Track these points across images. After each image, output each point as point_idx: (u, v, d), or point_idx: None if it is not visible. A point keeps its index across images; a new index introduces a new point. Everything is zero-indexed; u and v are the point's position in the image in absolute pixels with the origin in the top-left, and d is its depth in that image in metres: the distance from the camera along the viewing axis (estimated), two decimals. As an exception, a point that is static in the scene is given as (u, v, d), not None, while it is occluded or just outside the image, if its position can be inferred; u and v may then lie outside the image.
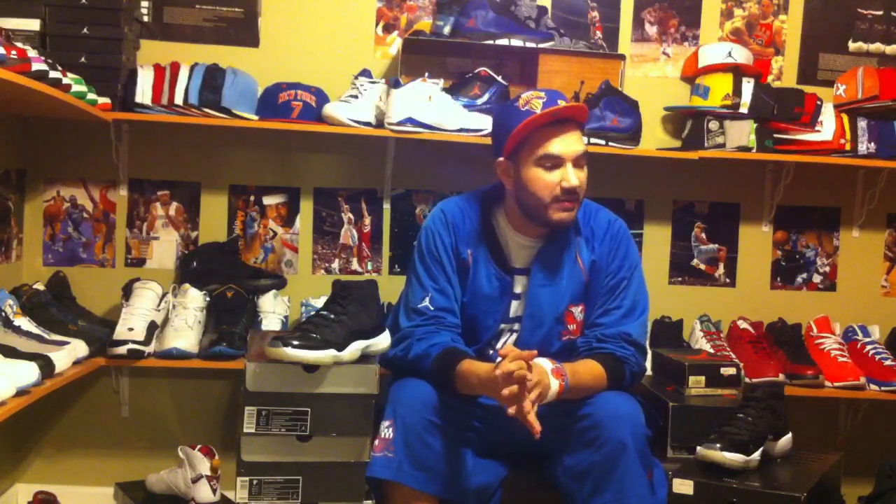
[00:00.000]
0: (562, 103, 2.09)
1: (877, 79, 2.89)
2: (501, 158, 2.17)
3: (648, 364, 2.61)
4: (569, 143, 2.10)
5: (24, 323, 2.25)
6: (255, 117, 2.68)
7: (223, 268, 2.78)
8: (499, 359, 2.13)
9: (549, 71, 2.78)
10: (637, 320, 2.20)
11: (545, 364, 1.96)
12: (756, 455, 2.13)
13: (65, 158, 2.83)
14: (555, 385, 1.94)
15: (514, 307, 2.23)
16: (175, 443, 2.58)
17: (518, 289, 2.22)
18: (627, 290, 2.21)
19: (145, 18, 2.83)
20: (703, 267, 3.12)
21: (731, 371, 2.52)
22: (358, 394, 2.14)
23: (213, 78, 2.61)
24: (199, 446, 2.44)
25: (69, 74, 2.25)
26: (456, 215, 2.25)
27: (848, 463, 2.41)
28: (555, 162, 2.10)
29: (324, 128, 2.68)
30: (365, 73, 2.74)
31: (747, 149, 2.83)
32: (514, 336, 2.23)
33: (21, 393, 1.96)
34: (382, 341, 2.22)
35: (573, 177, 2.09)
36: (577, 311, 2.23)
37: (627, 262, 2.23)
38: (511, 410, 1.87)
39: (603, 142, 2.75)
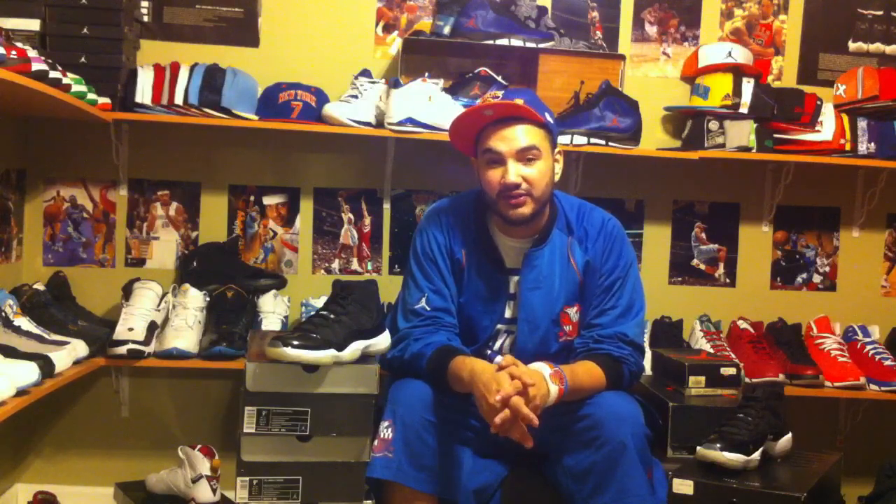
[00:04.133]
0: (519, 101, 2.09)
1: (877, 79, 2.89)
2: (473, 157, 2.21)
3: (648, 364, 2.61)
4: (508, 139, 2.10)
5: (24, 323, 2.25)
6: (255, 117, 2.68)
7: (223, 268, 2.78)
8: (498, 358, 2.14)
9: (549, 71, 2.79)
10: (633, 320, 2.20)
11: (543, 369, 1.96)
12: (756, 455, 2.13)
13: (65, 158, 2.83)
14: (554, 389, 1.93)
15: (510, 307, 2.23)
16: (175, 443, 2.58)
17: (512, 289, 2.23)
18: (623, 289, 2.21)
19: (145, 18, 2.83)
20: (703, 267, 3.12)
21: (731, 371, 2.52)
22: (358, 394, 2.14)
23: (213, 78, 2.61)
24: (199, 446, 2.44)
25: (69, 74, 2.25)
26: (450, 216, 2.26)
27: (848, 463, 2.41)
28: (494, 157, 2.12)
29: (324, 128, 2.68)
30: (365, 73, 2.74)
31: (747, 149, 2.83)
32: (512, 337, 2.23)
33: (21, 393, 1.96)
34: (382, 341, 2.22)
35: (511, 173, 2.09)
36: (573, 312, 2.23)
37: (622, 262, 2.23)
38: (493, 429, 1.88)
39: (603, 142, 2.75)
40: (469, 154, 2.23)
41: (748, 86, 2.86)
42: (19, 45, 2.02)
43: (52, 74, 2.08)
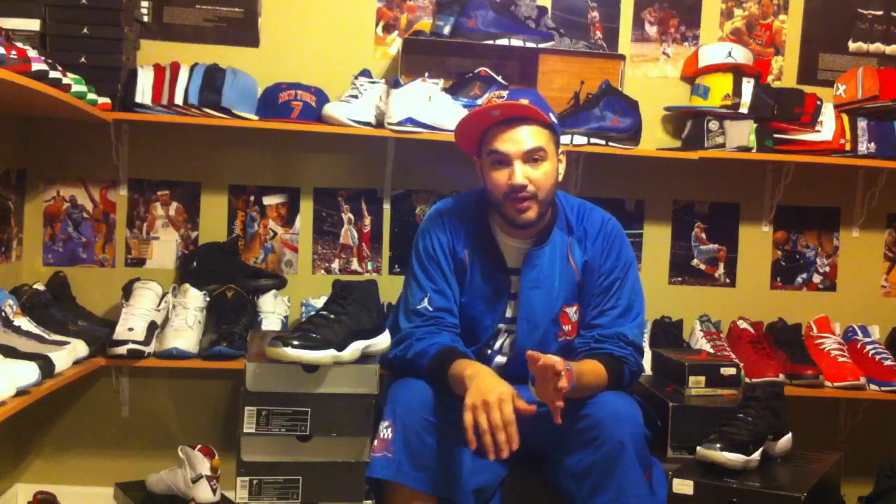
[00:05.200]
0: (524, 101, 2.09)
1: (877, 79, 2.89)
2: (476, 157, 2.21)
3: (648, 364, 2.61)
4: (514, 140, 2.09)
5: (24, 323, 2.25)
6: (255, 117, 2.68)
7: (223, 268, 2.78)
8: (498, 358, 2.14)
9: (549, 71, 2.79)
10: (633, 322, 2.20)
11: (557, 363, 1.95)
12: (756, 455, 2.13)
13: (65, 158, 2.83)
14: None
15: (512, 307, 2.23)
16: (175, 443, 2.58)
17: (514, 289, 2.22)
18: (622, 290, 2.21)
19: (145, 18, 2.83)
20: (703, 267, 3.12)
21: (731, 371, 2.52)
22: (358, 394, 2.14)
23: (213, 78, 2.61)
24: (199, 446, 2.44)
25: (69, 74, 2.25)
26: (453, 216, 2.26)
27: (848, 463, 2.41)
28: (501, 159, 2.11)
29: (324, 128, 2.68)
30: (365, 73, 2.74)
31: (747, 149, 2.83)
32: (512, 336, 2.23)
33: (21, 393, 1.96)
34: (382, 341, 2.23)
35: (518, 174, 2.08)
36: (572, 311, 2.23)
37: (621, 262, 2.22)
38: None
39: (603, 142, 2.75)
40: (472, 154, 2.23)
41: (748, 86, 2.86)
42: (19, 45, 2.02)
43: (52, 74, 2.08)
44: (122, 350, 2.45)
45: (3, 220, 2.64)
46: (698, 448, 2.13)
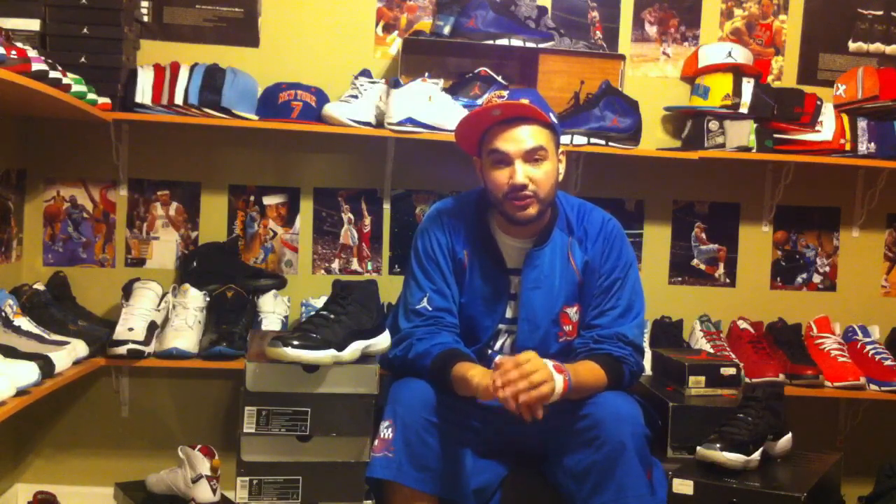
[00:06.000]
0: (524, 101, 2.09)
1: (877, 79, 2.89)
2: (476, 157, 2.21)
3: (648, 364, 2.61)
4: (515, 140, 2.10)
5: (24, 323, 2.25)
6: (255, 117, 2.68)
7: (223, 268, 2.79)
8: (498, 358, 2.13)
9: (549, 71, 2.79)
10: (633, 321, 2.20)
11: (547, 363, 1.96)
12: (756, 455, 2.13)
13: (65, 158, 2.83)
14: (559, 382, 1.92)
15: (512, 308, 2.23)
16: (175, 443, 2.58)
17: (514, 289, 2.23)
18: (622, 290, 2.21)
19: (145, 18, 2.83)
20: (703, 267, 3.12)
21: (731, 371, 2.52)
22: (358, 394, 2.14)
23: (213, 78, 2.61)
24: (199, 446, 2.44)
25: (69, 74, 2.25)
26: (452, 216, 2.26)
27: (848, 463, 2.41)
28: (501, 158, 2.11)
29: (324, 128, 2.68)
30: (365, 73, 2.74)
31: (747, 149, 2.83)
32: (512, 337, 2.23)
33: (21, 393, 1.96)
34: (382, 341, 2.23)
35: (519, 173, 2.09)
36: (573, 311, 2.23)
37: (621, 263, 2.23)
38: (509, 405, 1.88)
39: (603, 142, 2.75)
40: (472, 153, 2.23)
41: (748, 86, 2.86)
42: (19, 45, 2.02)
43: (52, 74, 2.08)
44: (122, 350, 2.45)
45: (3, 220, 2.64)
46: (698, 448, 2.13)
